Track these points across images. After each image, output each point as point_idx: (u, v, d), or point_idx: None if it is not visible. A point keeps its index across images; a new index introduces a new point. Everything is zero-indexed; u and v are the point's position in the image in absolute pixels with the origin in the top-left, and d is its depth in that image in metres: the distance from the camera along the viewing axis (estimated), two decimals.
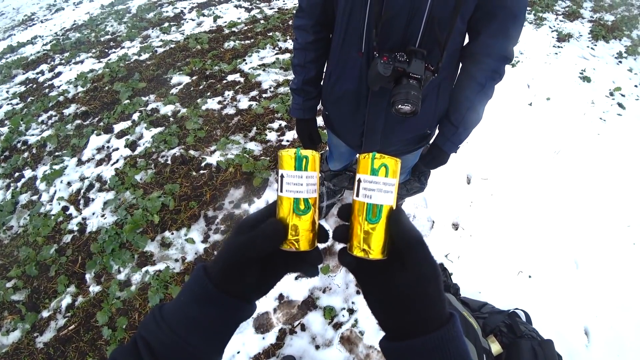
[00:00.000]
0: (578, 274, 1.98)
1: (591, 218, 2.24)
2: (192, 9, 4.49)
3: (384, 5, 0.82)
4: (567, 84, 3.39)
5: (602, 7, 5.07)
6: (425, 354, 0.36)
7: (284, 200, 0.40)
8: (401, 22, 0.84)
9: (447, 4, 0.80)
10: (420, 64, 0.81)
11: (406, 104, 0.80)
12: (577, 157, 2.63)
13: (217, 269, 0.40)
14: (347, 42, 0.94)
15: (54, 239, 2.18)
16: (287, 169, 0.39)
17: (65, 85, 3.51)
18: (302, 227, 0.40)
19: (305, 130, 1.30)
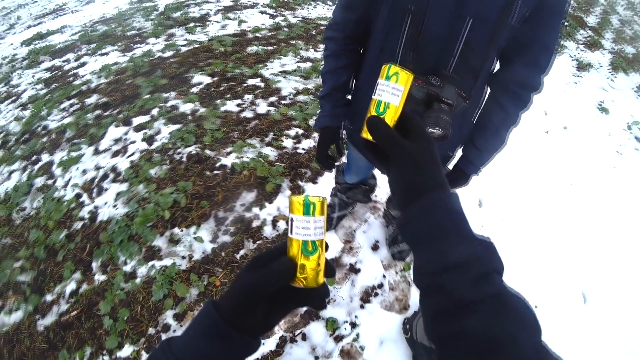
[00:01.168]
0: (586, 308, 1.94)
1: (602, 252, 2.21)
2: (218, 12, 4.58)
3: (421, 29, 0.83)
4: (584, 114, 3.38)
5: (623, 39, 5.07)
6: (435, 205, 0.44)
7: (294, 242, 0.43)
8: (436, 47, 0.85)
9: (483, 33, 0.81)
10: (453, 90, 0.83)
11: (437, 128, 0.81)
12: (591, 189, 2.61)
13: (227, 305, 0.42)
14: (380, 61, 0.95)
15: (65, 224, 2.21)
16: (297, 213, 0.43)
17: (89, 75, 3.59)
18: (309, 266, 0.43)
19: (329, 139, 1.21)
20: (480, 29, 0.81)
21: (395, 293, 1.86)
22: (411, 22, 0.84)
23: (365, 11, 0.94)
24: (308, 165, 2.36)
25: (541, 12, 0.81)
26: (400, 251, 1.92)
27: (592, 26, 5.23)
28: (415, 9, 0.82)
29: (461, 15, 0.80)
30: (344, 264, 1.92)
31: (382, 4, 0.88)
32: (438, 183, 0.45)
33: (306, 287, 0.44)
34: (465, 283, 0.40)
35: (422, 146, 0.46)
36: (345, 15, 0.98)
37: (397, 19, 0.87)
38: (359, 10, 0.95)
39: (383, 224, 2.07)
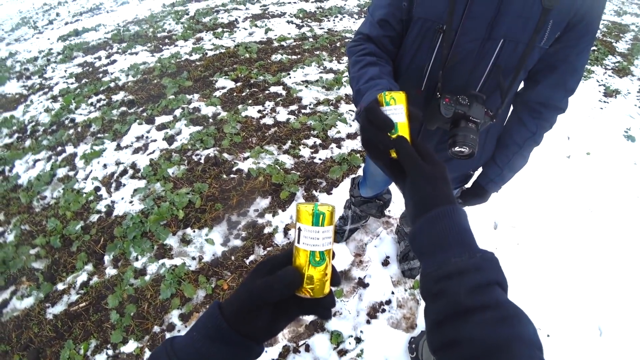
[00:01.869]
0: (601, 341, 1.86)
1: (620, 284, 2.12)
2: (246, 19, 4.69)
3: (452, 48, 0.83)
4: (609, 140, 3.28)
5: None
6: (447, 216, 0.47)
7: (301, 252, 0.42)
8: (467, 67, 0.85)
9: (514, 54, 0.81)
10: (480, 109, 0.82)
11: (464, 147, 0.80)
12: (612, 217, 2.51)
13: (232, 309, 0.42)
14: (407, 79, 0.95)
15: (82, 216, 2.26)
16: (305, 223, 0.42)
17: (118, 73, 3.72)
18: (316, 276, 0.43)
19: None
20: (511, 51, 0.81)
21: (403, 311, 1.82)
22: (442, 42, 0.84)
23: (399, 29, 0.92)
24: (324, 175, 2.36)
25: (571, 34, 0.80)
26: (411, 268, 1.89)
27: (621, 52, 5.12)
28: (447, 28, 0.81)
29: (493, 36, 0.79)
30: (352, 278, 1.90)
31: (415, 22, 0.87)
32: (447, 199, 0.49)
33: (313, 297, 0.43)
34: (465, 290, 0.41)
35: (435, 168, 0.51)
36: (380, 32, 0.94)
37: (427, 37, 0.86)
38: (395, 29, 0.92)
39: (395, 239, 2.04)
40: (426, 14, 0.84)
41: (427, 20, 0.84)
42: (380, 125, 0.55)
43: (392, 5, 0.90)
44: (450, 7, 0.79)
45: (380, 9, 0.92)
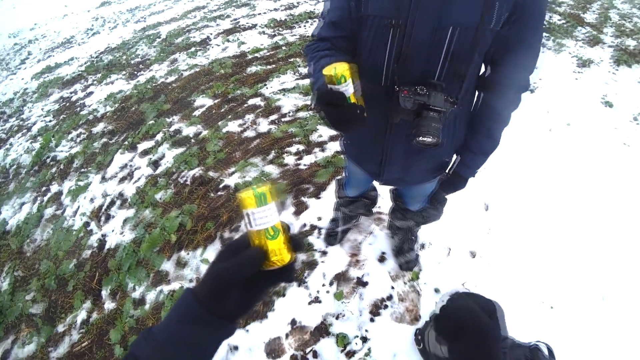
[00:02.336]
0: (604, 306, 1.88)
1: (617, 248, 2.14)
2: (218, 35, 4.70)
3: (404, 41, 0.84)
4: (588, 109, 3.33)
5: (623, 32, 5.01)
6: None
7: (256, 232, 0.47)
8: (421, 58, 0.86)
9: (466, 40, 0.82)
10: (440, 97, 0.83)
11: (428, 136, 0.81)
12: (600, 183, 2.55)
13: (204, 291, 0.45)
14: (367, 75, 0.96)
15: (74, 253, 2.25)
16: (250, 207, 0.46)
17: (96, 104, 3.70)
18: (277, 247, 0.47)
19: None
20: (463, 37, 0.82)
21: (405, 304, 1.83)
22: (394, 36, 0.85)
23: (351, 28, 0.95)
24: (310, 180, 2.37)
25: (520, 13, 0.81)
26: (408, 261, 1.89)
27: (590, 22, 5.20)
28: (397, 22, 0.83)
29: (443, 25, 0.81)
30: (351, 278, 1.90)
31: (366, 20, 0.89)
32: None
33: (283, 264, 0.48)
34: None
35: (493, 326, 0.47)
36: (332, 33, 0.99)
37: (381, 33, 0.88)
38: (347, 29, 0.96)
39: (388, 234, 2.05)
40: (375, 10, 0.86)
41: (377, 17, 0.86)
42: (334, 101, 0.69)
43: (340, 7, 0.93)
44: (398, 1, 0.81)
45: (331, 12, 0.96)
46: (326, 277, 1.90)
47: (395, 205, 1.72)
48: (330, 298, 1.83)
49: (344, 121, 0.75)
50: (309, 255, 1.99)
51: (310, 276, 1.90)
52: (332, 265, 1.94)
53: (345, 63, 0.73)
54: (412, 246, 1.91)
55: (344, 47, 0.99)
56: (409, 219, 1.66)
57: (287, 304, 1.81)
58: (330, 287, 1.87)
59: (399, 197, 1.66)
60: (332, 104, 0.73)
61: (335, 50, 0.97)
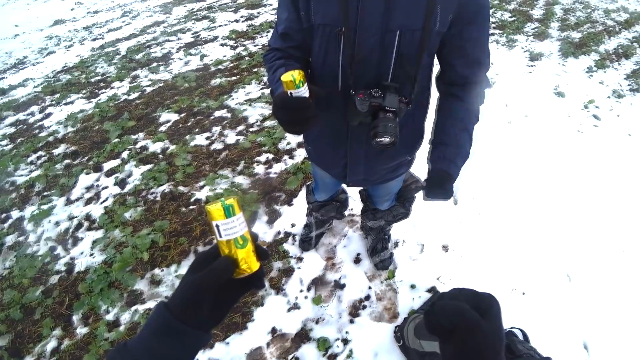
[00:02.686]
0: (571, 287, 1.99)
1: (579, 230, 2.28)
2: (179, 49, 4.64)
3: (355, 47, 0.88)
4: (543, 100, 3.53)
5: (568, 26, 5.35)
6: None
7: (226, 243, 0.48)
8: (373, 62, 0.90)
9: (413, 42, 0.86)
10: (394, 98, 0.87)
11: (385, 136, 0.84)
12: (559, 170, 2.70)
13: (177, 303, 0.46)
14: (324, 82, 0.99)
15: (40, 280, 2.15)
16: (219, 219, 0.47)
17: (55, 125, 3.56)
18: (246, 256, 0.50)
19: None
20: (409, 39, 0.86)
21: (383, 303, 1.86)
22: (344, 42, 0.89)
23: (302, 38, 0.98)
24: (281, 188, 2.38)
25: (465, 12, 0.85)
26: (383, 260, 1.94)
27: (538, 18, 5.52)
28: (345, 29, 0.86)
29: (389, 28, 0.85)
30: (328, 281, 1.92)
31: (317, 29, 0.93)
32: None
33: (249, 273, 0.50)
34: None
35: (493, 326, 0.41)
36: (284, 44, 1.02)
37: (331, 40, 0.91)
38: (297, 39, 0.99)
39: (362, 236, 2.09)
40: (324, 20, 0.89)
41: (327, 26, 0.90)
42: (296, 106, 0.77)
43: (290, 19, 0.96)
44: (344, 9, 0.84)
45: (280, 24, 0.99)
46: (303, 283, 1.91)
47: (365, 206, 1.77)
48: (308, 303, 1.84)
49: (305, 121, 0.80)
50: (285, 263, 1.99)
51: (288, 283, 1.91)
52: (308, 271, 1.96)
53: (298, 70, 0.79)
54: (385, 245, 1.96)
55: (296, 56, 1.02)
56: (379, 219, 1.71)
57: (267, 313, 1.80)
58: (308, 292, 1.88)
59: (368, 197, 1.71)
60: (296, 109, 0.78)
61: (288, 59, 1.00)
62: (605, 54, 4.71)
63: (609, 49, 4.91)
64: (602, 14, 6.18)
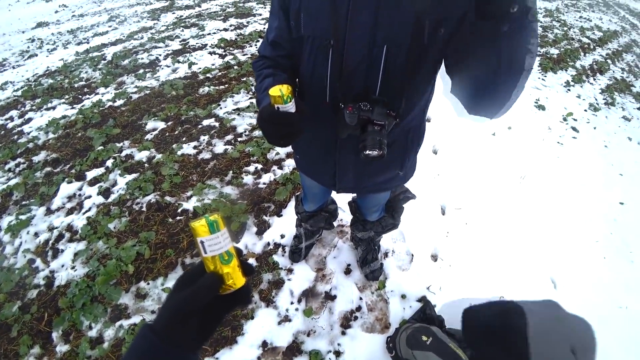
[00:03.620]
0: (557, 293, 2.04)
1: (561, 237, 2.35)
2: (167, 56, 4.60)
3: (343, 59, 0.88)
4: (524, 113, 3.66)
5: (547, 42, 5.59)
6: None
7: (211, 259, 0.48)
8: (361, 74, 0.90)
9: (400, 56, 0.86)
10: (382, 112, 0.87)
11: (373, 149, 0.85)
12: (541, 180, 2.80)
13: (161, 325, 0.44)
14: (312, 92, 1.00)
15: (18, 295, 2.06)
16: (204, 235, 0.47)
17: (36, 131, 3.45)
18: (231, 271, 0.49)
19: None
20: (396, 54, 0.86)
21: (375, 313, 1.86)
22: (333, 54, 0.89)
23: (292, 48, 0.99)
24: (270, 199, 2.37)
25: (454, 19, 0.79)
26: (373, 271, 1.94)
27: None
28: (334, 41, 0.87)
29: (377, 43, 0.85)
30: (319, 293, 1.91)
31: (306, 40, 0.93)
32: None
33: (236, 288, 0.50)
34: None
35: None
36: (274, 53, 1.03)
37: (320, 52, 0.92)
38: (287, 48, 1.00)
39: (352, 246, 2.09)
40: (313, 31, 0.90)
41: (316, 37, 0.90)
42: (282, 122, 0.79)
43: (280, 28, 0.97)
44: (334, 22, 0.85)
45: (271, 32, 1.00)
46: (294, 295, 1.90)
47: (355, 217, 1.77)
48: (299, 315, 1.82)
49: (290, 136, 0.82)
50: (275, 274, 1.97)
51: (278, 295, 1.89)
52: (299, 282, 1.94)
53: (287, 85, 0.80)
54: (375, 256, 1.96)
55: (285, 65, 1.03)
56: (369, 230, 1.71)
57: (257, 326, 1.78)
58: (299, 304, 1.87)
59: (357, 209, 1.71)
60: (282, 124, 0.80)
61: (277, 68, 1.01)
62: (581, 69, 4.92)
63: (585, 64, 5.14)
64: (577, 32, 6.49)
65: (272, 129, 0.81)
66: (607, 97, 4.39)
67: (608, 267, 2.23)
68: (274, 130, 0.81)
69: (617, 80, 4.95)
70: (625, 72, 5.39)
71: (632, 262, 2.31)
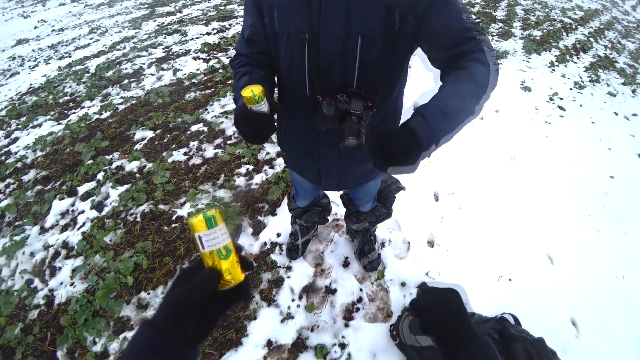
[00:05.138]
0: (555, 269, 2.07)
1: (555, 214, 2.38)
2: (151, 64, 4.56)
3: (319, 53, 0.89)
4: (511, 95, 3.68)
5: (529, 25, 5.62)
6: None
7: (209, 254, 0.48)
8: (337, 68, 0.91)
9: (374, 47, 0.88)
10: (359, 103, 0.88)
11: (351, 139, 0.85)
12: (531, 160, 2.83)
13: (162, 320, 0.45)
14: (292, 87, 1.01)
15: (18, 317, 2.04)
16: (201, 231, 0.47)
17: (23, 150, 3.41)
18: (230, 266, 0.49)
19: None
20: (371, 45, 0.88)
21: (376, 303, 1.88)
22: (309, 49, 0.90)
23: (267, 45, 1.00)
24: (264, 199, 2.37)
25: (421, 7, 0.82)
26: (371, 261, 1.95)
27: (501, 19, 5.76)
28: (309, 36, 0.88)
29: (351, 35, 0.86)
30: (319, 288, 1.92)
31: (280, 37, 0.94)
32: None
33: (234, 284, 0.49)
34: None
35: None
36: (250, 50, 1.03)
37: (296, 47, 0.93)
38: (263, 45, 1.01)
39: (348, 239, 2.10)
40: (288, 27, 0.91)
41: (291, 33, 0.91)
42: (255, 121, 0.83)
43: (254, 25, 0.98)
44: (307, 17, 0.86)
45: (246, 29, 1.02)
46: (295, 292, 1.91)
47: (348, 209, 1.78)
48: (302, 312, 1.83)
49: (263, 134, 0.87)
50: (274, 273, 1.98)
51: (279, 293, 1.90)
52: (298, 279, 1.95)
53: (259, 85, 0.83)
54: (372, 246, 1.98)
55: (262, 61, 1.04)
56: (363, 221, 1.73)
57: (260, 326, 1.78)
58: (300, 300, 1.87)
59: (350, 201, 1.73)
60: (255, 123, 0.84)
61: (254, 65, 1.02)
62: (564, 49, 4.96)
63: (568, 44, 5.18)
64: (559, 12, 6.53)
65: (245, 128, 0.86)
66: (592, 74, 4.44)
67: (602, 240, 2.27)
68: (248, 129, 0.86)
69: (600, 58, 5.00)
70: (608, 49, 5.44)
71: (626, 233, 2.35)
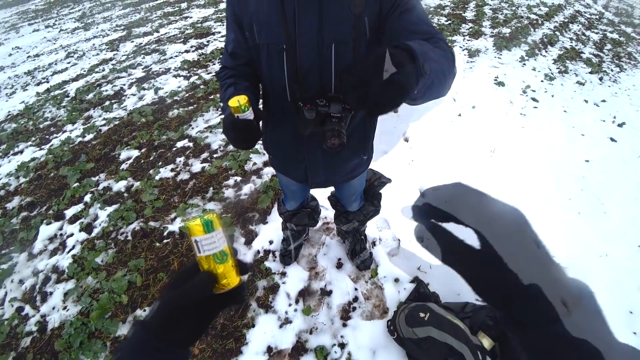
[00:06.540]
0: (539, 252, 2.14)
1: (536, 200, 2.47)
2: (131, 85, 4.56)
3: (297, 62, 0.95)
4: (486, 91, 3.82)
5: (498, 23, 5.85)
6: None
7: (205, 258, 0.49)
8: (315, 74, 0.98)
9: (348, 52, 0.94)
10: (338, 106, 0.94)
11: (333, 139, 0.90)
12: (510, 151, 2.94)
13: (156, 321, 0.45)
14: (275, 94, 1.07)
15: (10, 346, 2.00)
16: (199, 235, 0.48)
17: (5, 178, 3.36)
18: (226, 270, 0.49)
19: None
20: (344, 51, 0.94)
21: (372, 301, 1.91)
22: (287, 58, 0.96)
23: (250, 56, 1.06)
24: (254, 208, 2.40)
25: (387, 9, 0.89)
26: (363, 261, 1.99)
27: (471, 19, 5.97)
28: (287, 46, 0.94)
29: (325, 43, 0.93)
30: (314, 291, 1.95)
31: (262, 47, 1.00)
32: None
33: (229, 288, 0.50)
34: None
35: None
36: (234, 62, 1.09)
37: (275, 57, 0.99)
38: (246, 57, 1.07)
39: (339, 241, 2.14)
40: (267, 39, 0.97)
41: (270, 44, 0.97)
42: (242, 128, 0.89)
43: (236, 39, 1.04)
44: (284, 29, 0.92)
45: (229, 44, 1.08)
46: (291, 297, 1.93)
47: (337, 211, 1.83)
48: (299, 315, 1.85)
49: (250, 139, 0.93)
50: (269, 280, 2.00)
51: (276, 299, 1.92)
52: (293, 284, 1.97)
53: (244, 95, 0.90)
54: (363, 246, 2.02)
55: (247, 72, 1.10)
56: (352, 220, 1.77)
57: (259, 333, 1.80)
58: (297, 305, 1.90)
59: (337, 202, 1.77)
60: (242, 129, 0.90)
61: (239, 77, 1.08)
62: (533, 44, 5.17)
63: (536, 39, 5.40)
64: (525, 9, 6.80)
65: (233, 135, 0.93)
66: (560, 66, 4.63)
67: (584, 221, 2.36)
68: (236, 136, 0.92)
69: (567, 50, 5.22)
70: (574, 40, 5.68)
71: (605, 213, 2.45)
